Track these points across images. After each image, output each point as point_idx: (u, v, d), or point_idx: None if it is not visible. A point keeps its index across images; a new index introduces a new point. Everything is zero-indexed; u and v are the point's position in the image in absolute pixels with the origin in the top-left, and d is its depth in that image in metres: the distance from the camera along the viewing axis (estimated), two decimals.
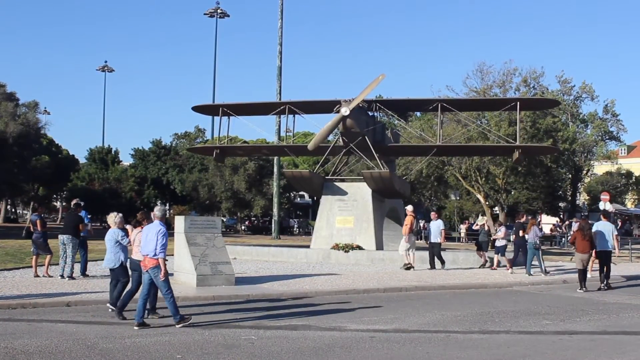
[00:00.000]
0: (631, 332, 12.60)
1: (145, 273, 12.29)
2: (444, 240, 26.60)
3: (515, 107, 30.31)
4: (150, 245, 12.00)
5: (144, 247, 12.18)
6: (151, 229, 12.18)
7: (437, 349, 10.59)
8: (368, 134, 28.33)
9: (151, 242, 12.00)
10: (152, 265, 12.03)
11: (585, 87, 58.68)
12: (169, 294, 12.10)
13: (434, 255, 24.19)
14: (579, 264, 20.16)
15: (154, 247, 11.92)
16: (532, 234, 23.26)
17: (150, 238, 12.06)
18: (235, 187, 61.82)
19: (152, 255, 11.98)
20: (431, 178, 56.52)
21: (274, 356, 9.80)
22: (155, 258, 11.95)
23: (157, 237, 11.92)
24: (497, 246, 24.81)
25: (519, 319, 13.93)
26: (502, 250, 24.66)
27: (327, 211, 28.65)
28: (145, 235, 12.28)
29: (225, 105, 32.04)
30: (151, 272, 12.09)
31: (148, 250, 12.03)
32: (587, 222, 21.76)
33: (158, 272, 11.95)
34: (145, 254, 12.13)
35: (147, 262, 12.11)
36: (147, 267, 12.15)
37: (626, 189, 74.12)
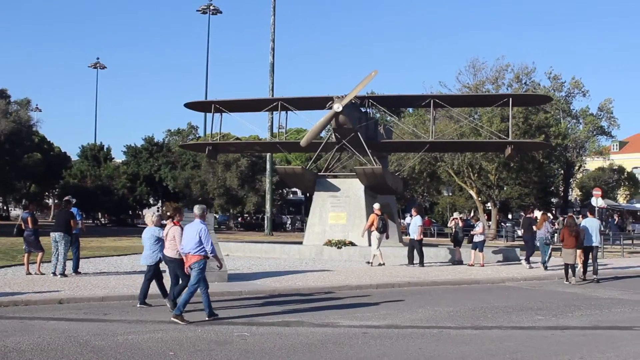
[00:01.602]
0: (623, 327, 12.65)
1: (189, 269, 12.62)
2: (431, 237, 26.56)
3: (508, 103, 30.34)
4: (191, 243, 12.37)
5: (185, 245, 12.53)
6: (192, 228, 12.50)
7: (430, 345, 10.61)
8: (361, 130, 28.32)
9: (192, 239, 12.37)
10: (193, 261, 12.41)
11: (575, 82, 58.80)
12: (193, 288, 12.42)
13: (412, 251, 24.19)
14: (566, 259, 20.84)
15: (196, 245, 12.31)
16: (544, 230, 23.57)
17: (191, 236, 12.42)
18: (227, 184, 61.76)
19: (193, 252, 12.35)
20: (424, 174, 56.60)
21: (267, 352, 9.79)
22: (198, 254, 12.34)
23: (200, 235, 12.30)
24: (475, 242, 24.70)
25: (511, 314, 13.98)
26: (480, 245, 24.59)
27: (319, 207, 28.64)
28: (186, 233, 12.61)
29: (217, 102, 31.98)
30: (193, 267, 12.45)
31: (190, 248, 12.41)
32: (574, 218, 22.78)
33: (196, 266, 12.34)
34: (187, 252, 12.48)
35: (189, 258, 12.47)
36: (189, 264, 12.51)
37: (618, 185, 74.39)
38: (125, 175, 69.53)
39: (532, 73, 55.02)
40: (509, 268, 24.29)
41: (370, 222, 23.91)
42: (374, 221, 23.81)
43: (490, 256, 26.86)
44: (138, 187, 69.27)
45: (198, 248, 12.37)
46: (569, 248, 20.83)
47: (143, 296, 14.19)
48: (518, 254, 27.65)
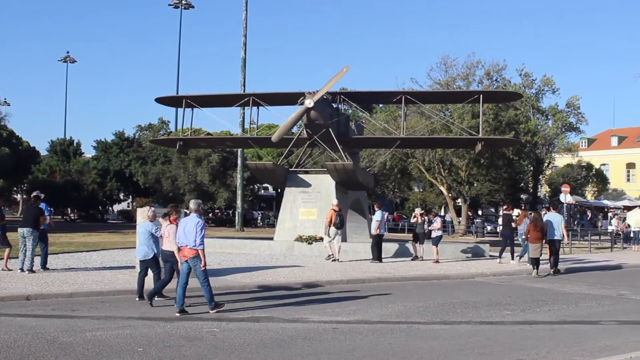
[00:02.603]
0: (589, 322, 12.81)
1: (183, 263, 12.81)
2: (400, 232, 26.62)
3: (479, 99, 30.51)
4: (189, 236, 12.56)
5: (182, 239, 12.72)
6: (189, 221, 12.71)
7: (400, 340, 10.66)
8: (332, 126, 28.33)
9: (190, 233, 12.55)
10: (191, 255, 12.60)
11: (546, 80, 59.31)
12: (206, 282, 12.66)
13: (377, 247, 24.32)
14: (533, 253, 21.68)
15: (194, 239, 12.50)
16: (524, 225, 23.79)
17: (188, 230, 12.59)
18: (198, 179, 61.49)
19: (191, 246, 12.54)
20: (395, 170, 56.77)
21: (236, 348, 9.78)
22: (195, 249, 12.53)
23: (196, 229, 12.51)
24: (433, 237, 24.75)
25: (480, 309, 14.09)
26: (437, 241, 24.63)
27: (290, 203, 28.62)
28: (182, 227, 12.78)
29: (188, 97, 31.83)
30: (191, 262, 12.65)
31: (187, 242, 12.60)
32: (540, 214, 23.55)
33: (198, 262, 12.56)
34: (184, 245, 12.68)
35: (186, 252, 12.67)
36: (186, 257, 12.69)
37: (586, 181, 75.20)
38: (95, 171, 68.94)
39: (503, 70, 55.44)
40: (479, 264, 24.49)
41: (329, 218, 24.04)
42: (332, 217, 23.95)
43: (460, 252, 27.11)
44: (108, 182, 68.72)
45: (195, 242, 12.59)
46: (535, 242, 21.62)
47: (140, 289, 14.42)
48: (487, 249, 27.89)
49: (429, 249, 25.02)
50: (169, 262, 13.61)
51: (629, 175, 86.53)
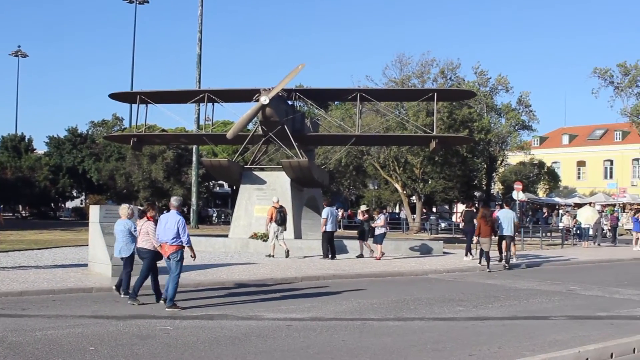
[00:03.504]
0: (540, 317, 13.01)
1: (167, 260, 12.95)
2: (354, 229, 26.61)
3: (433, 97, 30.77)
4: (169, 233, 12.74)
5: (162, 235, 12.86)
6: (170, 218, 12.93)
7: (353, 337, 10.70)
8: (287, 123, 28.32)
9: (170, 230, 12.75)
10: (172, 251, 12.79)
11: (500, 79, 60.08)
12: (177, 278, 12.82)
13: (326, 244, 24.39)
14: (483, 247, 22.46)
15: (174, 235, 12.70)
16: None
17: (169, 227, 12.78)
18: (153, 176, 60.93)
19: (170, 242, 12.72)
20: (350, 167, 57.02)
21: (190, 346, 9.73)
22: (176, 245, 12.73)
23: (178, 226, 12.75)
24: (377, 235, 24.76)
25: (433, 306, 14.22)
26: (380, 238, 24.66)
27: (245, 200, 28.56)
28: (163, 223, 12.92)
29: (143, 93, 31.54)
30: (171, 257, 12.83)
31: (167, 238, 12.77)
32: (489, 209, 24.57)
33: (176, 257, 12.78)
34: (164, 242, 12.83)
35: (166, 249, 12.84)
36: (167, 254, 12.87)
37: (538, 179, 76.33)
38: (47, 167, 67.77)
39: (457, 69, 56.03)
40: (432, 260, 24.70)
41: (270, 215, 24.09)
42: (272, 214, 24.00)
43: (415, 249, 27.33)
44: (61, 179, 67.65)
45: (176, 239, 12.74)
46: (485, 237, 22.26)
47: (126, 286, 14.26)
48: (441, 246, 28.16)
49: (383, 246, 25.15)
50: (145, 259, 13.59)
51: (580, 173, 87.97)
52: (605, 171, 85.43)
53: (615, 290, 17.66)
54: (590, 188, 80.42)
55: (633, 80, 62.58)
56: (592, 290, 17.63)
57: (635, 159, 79.67)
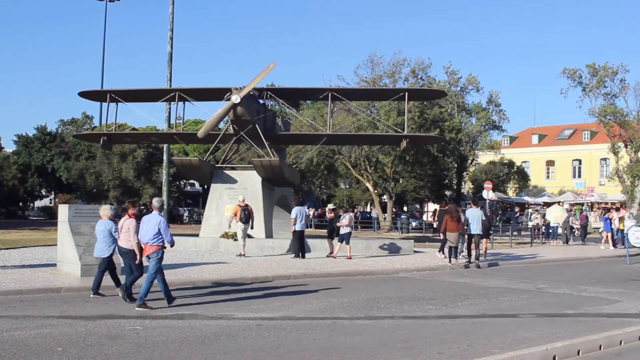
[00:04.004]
0: (509, 315, 13.14)
1: (147, 259, 13.21)
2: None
3: (404, 97, 30.89)
4: (149, 233, 13.00)
5: (143, 235, 13.14)
6: (151, 219, 13.18)
7: (324, 335, 10.73)
8: (259, 122, 28.28)
9: (151, 230, 13.01)
10: (152, 250, 13.06)
11: (471, 78, 60.45)
12: (152, 278, 13.05)
13: (297, 243, 24.42)
14: (450, 242, 23.14)
15: (154, 235, 12.96)
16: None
17: (150, 227, 13.05)
18: (123, 175, 60.48)
19: (150, 243, 12.99)
20: (321, 166, 57.07)
21: (159, 346, 9.69)
22: (156, 245, 13.00)
23: (159, 226, 13.03)
24: (342, 233, 24.72)
25: (403, 304, 14.29)
26: (346, 237, 24.62)
27: (216, 199, 28.48)
28: (145, 224, 13.19)
29: (113, 91, 31.30)
30: (152, 256, 13.08)
31: (148, 238, 13.04)
32: (455, 205, 25.16)
33: (155, 257, 13.02)
34: (145, 242, 13.11)
35: (147, 248, 13.12)
36: (147, 253, 13.14)
37: (508, 178, 76.98)
38: (15, 166, 66.96)
39: (428, 68, 56.27)
40: (403, 259, 24.80)
41: (234, 213, 24.14)
42: (237, 212, 24.05)
43: (386, 248, 27.42)
44: (29, 178, 66.90)
45: (157, 238, 13.01)
46: (452, 232, 22.99)
47: (96, 287, 14.48)
48: (412, 245, 28.31)
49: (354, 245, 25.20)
50: (127, 257, 13.77)
51: (549, 172, 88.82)
52: (573, 170, 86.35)
53: (583, 288, 17.89)
54: (559, 187, 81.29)
55: (601, 81, 63.31)
56: (561, 288, 17.83)
57: (603, 159, 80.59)
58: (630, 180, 63.73)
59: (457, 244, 23.26)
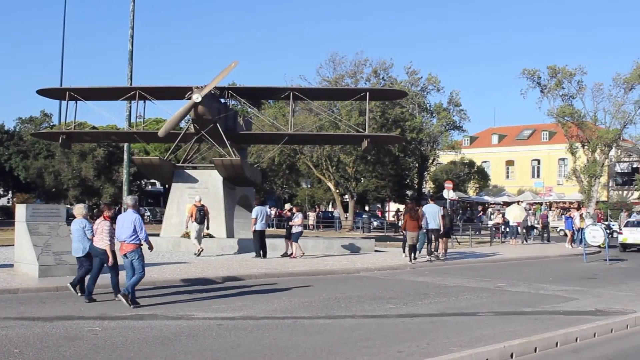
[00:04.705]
0: (468, 313, 13.27)
1: (124, 258, 13.36)
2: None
3: (365, 97, 30.96)
4: (126, 231, 13.16)
5: (120, 234, 13.28)
6: (126, 217, 13.37)
7: (284, 335, 10.74)
8: (220, 121, 28.16)
9: (127, 228, 13.17)
10: (129, 249, 13.22)
11: (431, 78, 60.89)
12: (141, 275, 13.40)
13: (257, 243, 24.42)
14: (409, 241, 23.51)
15: (131, 233, 13.11)
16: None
17: (126, 225, 13.21)
18: (83, 174, 59.85)
19: (128, 241, 13.14)
20: (283, 166, 57.06)
21: (118, 347, 9.61)
22: (133, 243, 13.16)
23: (135, 224, 13.16)
24: (293, 233, 24.81)
25: (364, 303, 14.36)
26: (295, 236, 24.67)
27: (177, 199, 28.30)
28: (121, 223, 13.36)
29: (72, 89, 30.89)
30: (129, 255, 13.27)
31: (125, 236, 13.18)
32: (414, 204, 25.70)
33: (135, 255, 13.22)
34: (122, 240, 13.23)
35: (124, 247, 13.24)
36: (124, 252, 13.27)
37: (468, 178, 77.72)
38: None
39: (389, 68, 56.58)
40: (364, 258, 24.91)
41: (190, 213, 24.17)
42: (193, 212, 24.11)
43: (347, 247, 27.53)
44: None
45: (133, 237, 13.15)
46: (412, 231, 23.36)
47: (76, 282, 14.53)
48: (373, 244, 28.45)
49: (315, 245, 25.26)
50: (98, 257, 13.83)
51: (508, 172, 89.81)
52: (532, 170, 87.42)
53: (541, 286, 18.14)
54: (518, 187, 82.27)
55: (559, 83, 64.24)
56: (519, 286, 18.06)
57: (561, 159, 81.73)
58: (587, 180, 64.79)
59: (416, 242, 23.62)
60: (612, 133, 64.13)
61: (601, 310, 13.86)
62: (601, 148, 65.10)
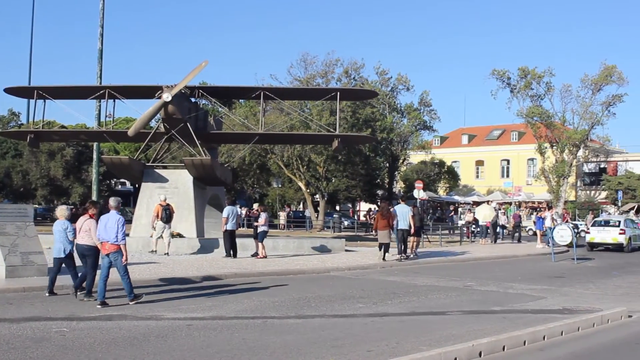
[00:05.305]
0: (437, 312, 13.35)
1: (104, 257, 13.50)
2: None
3: (336, 97, 31.03)
4: (110, 232, 13.28)
5: (103, 234, 13.39)
6: (110, 218, 13.41)
7: (254, 335, 10.73)
8: (190, 121, 28.04)
9: (111, 229, 13.28)
10: (112, 250, 13.34)
11: (401, 78, 61.13)
12: (126, 275, 13.52)
13: (228, 243, 24.36)
14: (381, 239, 23.84)
15: (115, 234, 13.24)
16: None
17: (109, 226, 13.31)
18: (52, 174, 59.22)
19: (112, 241, 13.28)
20: (254, 166, 56.95)
21: (86, 348, 9.54)
22: (116, 244, 13.28)
23: (117, 225, 13.26)
24: (258, 232, 24.70)
25: (334, 303, 14.38)
26: (260, 236, 24.60)
27: (147, 198, 28.11)
28: (104, 223, 13.43)
29: (41, 88, 30.58)
30: (112, 257, 13.38)
31: (108, 237, 13.31)
32: (386, 204, 26.00)
33: (119, 256, 13.34)
34: (105, 240, 13.37)
35: (107, 247, 13.36)
36: (107, 252, 13.39)
37: (439, 178, 78.15)
38: None
39: (360, 68, 56.75)
40: (334, 258, 24.97)
41: (156, 213, 24.10)
42: (158, 211, 24.11)
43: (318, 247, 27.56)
44: None
45: (117, 237, 13.31)
46: (383, 230, 23.76)
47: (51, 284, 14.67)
48: (344, 244, 28.52)
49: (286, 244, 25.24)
50: (86, 257, 14.00)
51: (478, 172, 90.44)
52: (502, 170, 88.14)
53: (510, 285, 18.31)
54: (488, 186, 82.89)
55: (528, 84, 64.90)
56: (488, 285, 18.22)
57: (530, 159, 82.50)
58: (555, 180, 65.53)
59: (387, 241, 23.87)
60: (580, 133, 64.96)
61: (568, 308, 14.04)
62: (569, 148, 65.92)
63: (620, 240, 33.46)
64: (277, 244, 27.20)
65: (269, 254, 25.06)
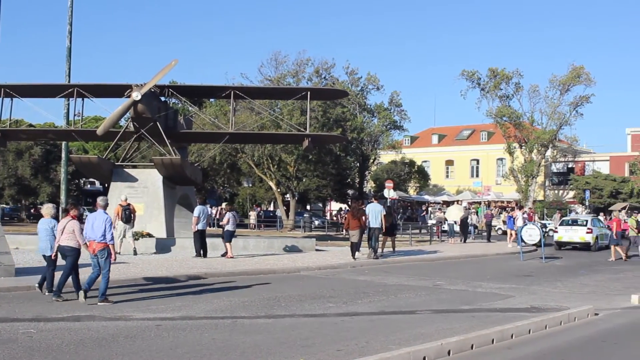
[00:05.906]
0: (407, 312, 13.42)
1: (93, 257, 13.69)
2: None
3: (306, 96, 31.05)
4: (97, 231, 13.48)
5: (90, 233, 13.59)
6: (97, 217, 13.65)
7: (223, 335, 10.71)
8: (160, 120, 27.89)
9: (98, 228, 13.48)
10: (99, 248, 13.52)
11: (370, 77, 61.32)
12: (107, 274, 13.62)
13: (198, 243, 24.28)
14: (352, 239, 24.03)
15: (102, 233, 13.43)
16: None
17: (97, 225, 13.52)
18: (19, 173, 58.58)
19: (99, 240, 13.46)
20: (224, 165, 56.79)
21: (54, 349, 9.45)
22: (103, 242, 13.46)
23: (105, 224, 13.48)
24: (225, 232, 24.62)
25: (304, 302, 14.39)
26: (227, 236, 24.49)
27: (116, 198, 27.77)
28: (91, 222, 13.63)
29: (7, 86, 30.20)
30: (99, 254, 13.55)
31: (95, 236, 13.51)
32: (358, 203, 26.32)
33: (105, 254, 13.51)
34: (92, 239, 13.56)
35: (94, 246, 13.55)
36: (95, 251, 13.57)
37: (409, 177, 78.46)
38: None
39: (331, 68, 56.85)
40: (305, 257, 24.97)
41: (116, 213, 23.93)
42: (118, 212, 23.96)
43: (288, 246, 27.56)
44: None
45: (103, 236, 13.47)
46: (354, 229, 23.86)
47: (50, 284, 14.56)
48: (314, 244, 28.55)
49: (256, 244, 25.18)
50: (68, 257, 13.94)
51: (448, 171, 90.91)
52: (471, 170, 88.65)
53: (478, 284, 18.45)
54: (457, 186, 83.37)
55: (498, 85, 65.47)
56: (457, 284, 18.35)
57: (499, 159, 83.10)
58: (524, 180, 66.15)
59: (358, 240, 24.00)
60: (548, 134, 65.68)
61: (536, 307, 14.19)
62: (538, 148, 66.61)
63: (587, 239, 33.88)
64: (248, 243, 27.16)
65: (240, 253, 25.03)
